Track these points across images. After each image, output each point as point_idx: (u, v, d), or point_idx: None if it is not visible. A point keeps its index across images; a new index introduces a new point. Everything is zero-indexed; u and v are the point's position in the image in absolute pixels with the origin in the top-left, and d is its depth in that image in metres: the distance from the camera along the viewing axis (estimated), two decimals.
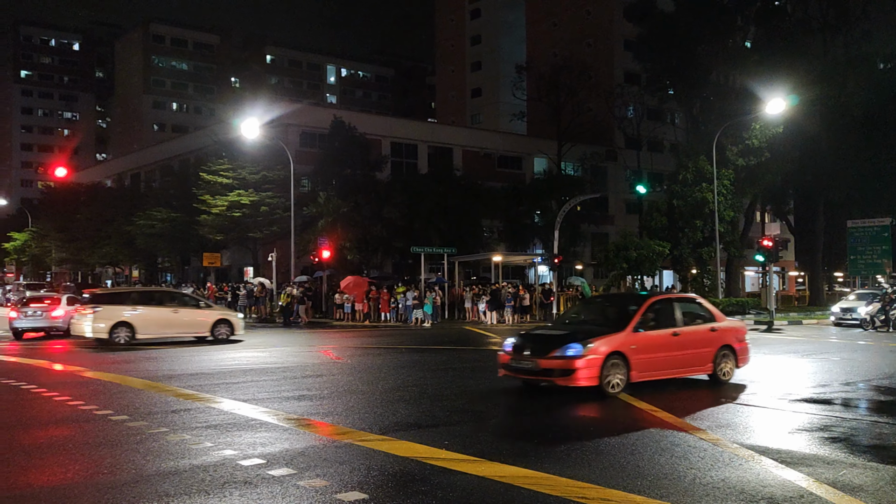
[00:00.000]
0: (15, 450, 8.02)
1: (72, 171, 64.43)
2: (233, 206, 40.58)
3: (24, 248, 64.56)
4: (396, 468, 7.00)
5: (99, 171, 74.81)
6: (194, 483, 6.47)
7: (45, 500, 6.02)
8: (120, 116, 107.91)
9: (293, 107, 54.78)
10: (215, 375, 14.31)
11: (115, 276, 60.80)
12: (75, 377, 14.33)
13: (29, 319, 24.43)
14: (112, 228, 49.91)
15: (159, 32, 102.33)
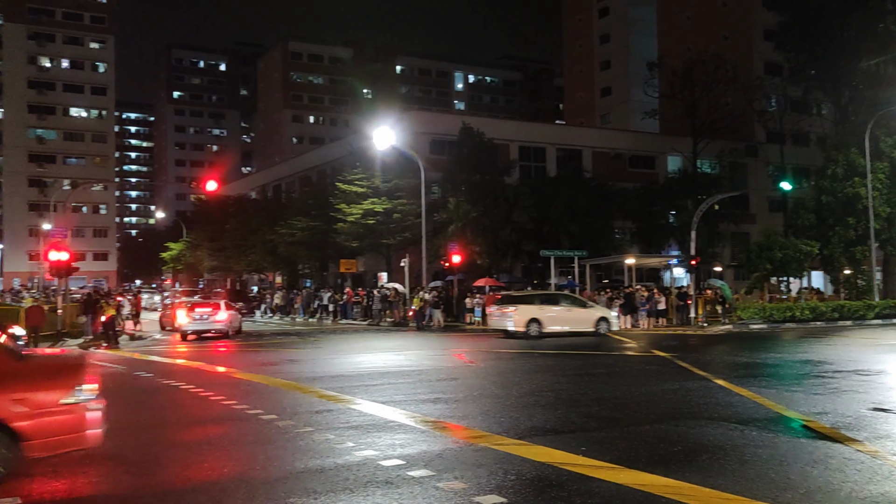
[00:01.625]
0: (177, 446, 8.66)
1: (221, 184, 68.61)
2: (367, 214, 41.81)
3: (180, 257, 69.39)
4: (533, 473, 7.01)
5: (244, 183, 79.31)
6: (339, 481, 6.75)
7: (205, 493, 6.47)
8: (263, 131, 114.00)
9: (423, 115, 55.86)
10: (354, 378, 14.82)
11: (260, 282, 64.13)
12: (229, 378, 15.27)
13: (196, 323, 26.83)
14: (257, 238, 52.63)
15: (297, 50, 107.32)
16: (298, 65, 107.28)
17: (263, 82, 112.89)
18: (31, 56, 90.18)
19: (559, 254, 37.05)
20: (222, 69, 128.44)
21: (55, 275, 32.19)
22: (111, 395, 13.23)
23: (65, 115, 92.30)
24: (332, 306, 41.06)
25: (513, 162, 47.55)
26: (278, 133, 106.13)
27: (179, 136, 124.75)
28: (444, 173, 43.83)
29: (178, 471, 7.42)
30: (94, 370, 7.97)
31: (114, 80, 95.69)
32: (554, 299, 27.56)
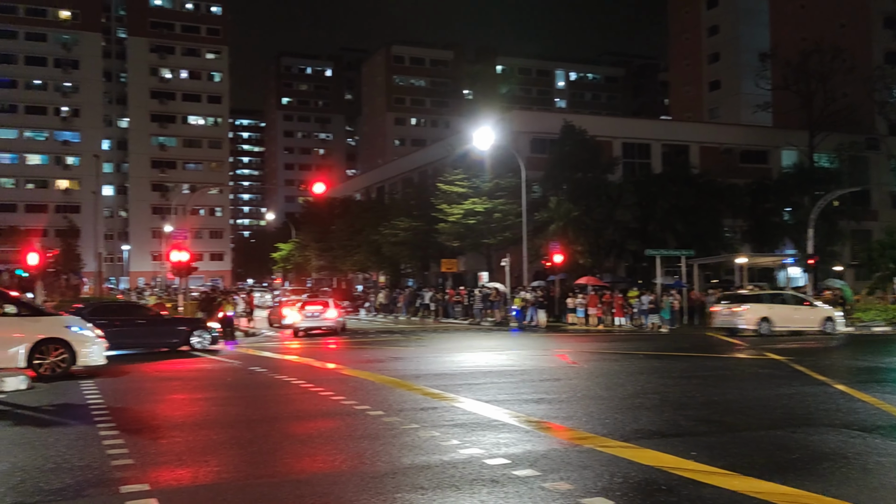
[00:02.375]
0: (291, 439, 9.01)
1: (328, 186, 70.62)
2: (468, 214, 42.04)
3: (289, 257, 71.91)
4: (641, 476, 6.89)
5: (349, 185, 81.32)
6: (445, 478, 6.84)
7: (318, 485, 6.71)
8: (367, 134, 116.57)
9: (523, 114, 55.64)
10: (457, 376, 14.96)
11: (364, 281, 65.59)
12: (337, 374, 15.73)
13: (308, 320, 28.23)
14: (361, 238, 53.86)
15: (399, 53, 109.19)
16: (401, 68, 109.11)
17: (367, 86, 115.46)
18: (153, 68, 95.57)
19: (665, 253, 36.11)
20: (328, 75, 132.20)
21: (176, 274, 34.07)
22: (230, 389, 13.93)
23: (184, 123, 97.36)
24: (434, 305, 41.52)
25: (616, 159, 46.68)
26: (381, 135, 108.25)
27: (288, 140, 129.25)
28: (544, 172, 43.54)
29: (292, 462, 7.72)
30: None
31: (228, 89, 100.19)
32: (782, 298, 28.63)
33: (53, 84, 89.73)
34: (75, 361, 15.12)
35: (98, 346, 15.64)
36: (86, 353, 15.24)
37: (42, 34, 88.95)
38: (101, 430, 9.25)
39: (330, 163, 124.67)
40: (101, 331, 19.17)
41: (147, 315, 22.78)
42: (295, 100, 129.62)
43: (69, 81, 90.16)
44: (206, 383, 15.06)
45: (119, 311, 22.54)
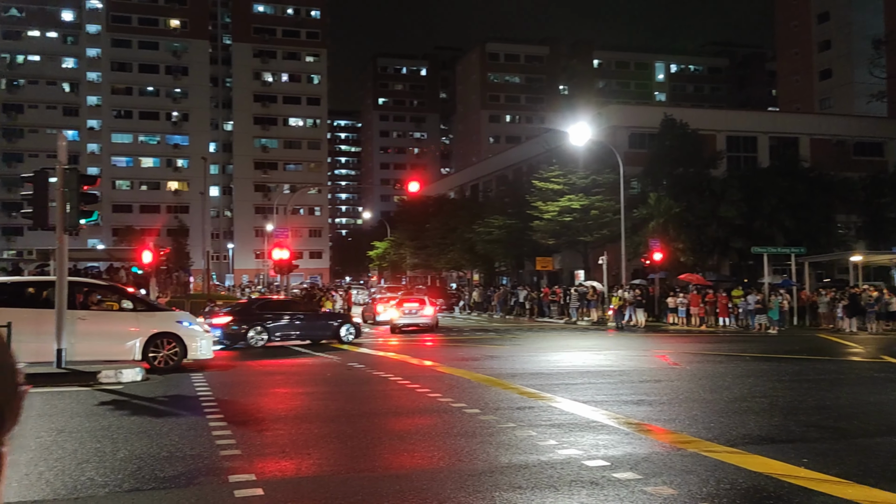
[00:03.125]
0: (389, 434, 9.14)
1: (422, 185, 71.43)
2: (563, 211, 41.59)
3: (384, 255, 73.14)
4: (748, 483, 6.62)
5: (444, 184, 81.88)
6: (543, 478, 6.77)
7: (417, 481, 6.76)
8: (461, 132, 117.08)
9: (621, 108, 54.57)
10: (554, 376, 14.81)
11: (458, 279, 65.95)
12: (433, 371, 15.85)
13: (406, 317, 28.82)
14: (456, 236, 54.17)
15: (494, 51, 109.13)
16: (495, 65, 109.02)
17: (462, 84, 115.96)
18: (256, 72, 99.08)
19: (772, 251, 34.63)
20: (423, 74, 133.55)
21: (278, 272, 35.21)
22: (329, 384, 14.26)
23: (284, 125, 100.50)
24: (529, 304, 41.29)
25: (719, 153, 45.14)
26: (476, 133, 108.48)
27: (384, 140, 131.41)
28: (644, 168, 42.59)
29: (391, 457, 7.82)
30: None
31: (326, 91, 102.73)
32: None
33: (165, 90, 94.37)
34: (186, 355, 15.83)
35: (206, 341, 16.32)
36: (195, 346, 15.93)
37: (154, 42, 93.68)
38: (210, 421, 9.65)
39: (424, 161, 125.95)
40: (270, 324, 21.50)
41: (305, 310, 24.36)
42: (390, 100, 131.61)
43: (179, 87, 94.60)
44: (306, 378, 15.48)
45: (283, 307, 23.97)
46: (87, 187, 14.96)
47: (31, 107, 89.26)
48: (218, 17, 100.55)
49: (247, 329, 21.46)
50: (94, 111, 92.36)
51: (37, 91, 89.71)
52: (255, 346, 21.41)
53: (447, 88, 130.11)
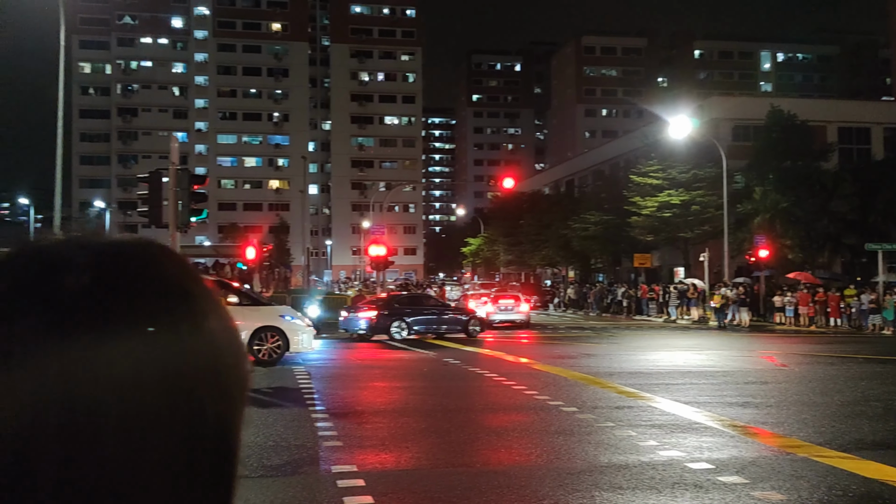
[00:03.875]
0: (486, 430, 9.18)
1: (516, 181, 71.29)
2: (662, 207, 40.58)
3: (478, 252, 73.31)
4: (862, 490, 6.30)
5: (538, 180, 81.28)
6: (644, 479, 6.65)
7: (515, 478, 6.77)
8: (556, 127, 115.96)
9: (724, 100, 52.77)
10: (653, 375, 14.49)
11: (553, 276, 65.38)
12: (528, 369, 15.80)
13: (501, 313, 29.04)
14: (550, 232, 53.70)
15: (590, 44, 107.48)
16: (591, 59, 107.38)
17: (557, 79, 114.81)
18: (353, 72, 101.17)
19: (889, 247, 32.72)
20: (517, 69, 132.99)
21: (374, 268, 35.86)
22: (426, 379, 14.44)
23: (380, 123, 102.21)
24: (626, 302, 40.53)
25: (830, 145, 42.93)
26: (571, 128, 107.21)
27: (478, 136, 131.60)
28: (748, 161, 41.01)
29: (488, 453, 7.86)
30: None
31: (421, 89, 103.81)
32: None
33: (267, 92, 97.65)
34: (288, 348, 16.35)
35: (307, 335, 16.80)
36: (297, 340, 16.43)
37: (257, 46, 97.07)
38: (312, 412, 9.94)
39: (518, 158, 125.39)
40: (409, 319, 22.85)
41: (440, 306, 25.71)
42: (485, 96, 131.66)
43: (280, 89, 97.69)
44: (403, 372, 15.72)
45: (419, 302, 25.35)
46: (196, 186, 15.66)
47: (144, 110, 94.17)
48: (317, 20, 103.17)
49: (390, 323, 22.78)
50: (202, 113, 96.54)
51: (149, 95, 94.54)
52: (395, 339, 22.47)
53: (542, 83, 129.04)
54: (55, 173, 21.34)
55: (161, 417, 0.47)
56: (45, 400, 0.44)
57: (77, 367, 0.45)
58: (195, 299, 0.51)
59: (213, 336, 0.50)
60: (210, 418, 0.50)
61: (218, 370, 0.50)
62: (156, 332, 0.47)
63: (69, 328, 0.45)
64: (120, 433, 0.45)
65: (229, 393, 0.51)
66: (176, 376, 0.47)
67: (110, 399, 0.45)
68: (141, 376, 0.46)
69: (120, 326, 0.46)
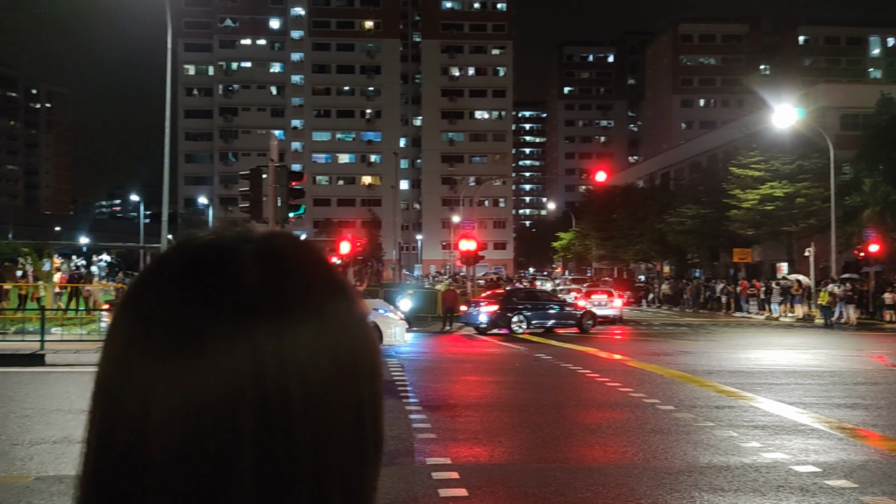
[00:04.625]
0: (580, 427, 9.08)
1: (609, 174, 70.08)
2: (764, 200, 39.07)
3: (569, 246, 72.49)
4: None
5: (631, 172, 79.62)
6: (747, 481, 6.44)
7: (611, 475, 6.67)
8: (650, 119, 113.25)
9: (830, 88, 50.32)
10: (755, 374, 13.99)
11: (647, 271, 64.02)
12: (622, 365, 15.54)
13: (594, 309, 28.72)
14: (644, 227, 52.56)
15: (687, 32, 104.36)
16: (688, 47, 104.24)
17: (651, 69, 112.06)
18: (444, 67, 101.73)
19: None
20: (610, 60, 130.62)
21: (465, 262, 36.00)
22: (517, 374, 14.41)
23: (470, 118, 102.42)
24: (725, 298, 39.27)
25: None
26: (666, 119, 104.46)
27: (569, 129, 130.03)
28: (857, 151, 38.97)
29: (582, 450, 7.78)
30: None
31: (511, 83, 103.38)
32: None
33: (359, 89, 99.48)
34: (382, 341, 16.64)
35: (400, 328, 17.06)
36: (390, 333, 16.71)
37: (350, 44, 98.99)
38: (406, 404, 10.08)
39: (611, 150, 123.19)
40: (528, 313, 23.34)
41: (556, 301, 25.89)
42: (576, 88, 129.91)
43: (372, 86, 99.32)
44: (495, 367, 15.73)
45: (536, 297, 25.72)
46: (294, 183, 16.10)
47: (244, 109, 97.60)
48: (408, 16, 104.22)
49: (510, 317, 23.25)
50: (297, 111, 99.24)
51: (248, 95, 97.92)
52: (517, 333, 22.79)
53: (636, 74, 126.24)
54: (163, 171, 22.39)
55: (335, 400, 0.49)
56: (238, 385, 0.46)
57: (264, 354, 0.47)
58: (346, 288, 0.54)
59: (362, 322, 0.53)
60: (367, 401, 0.52)
61: (366, 354, 0.52)
62: (325, 319, 0.50)
63: (254, 317, 0.48)
64: (306, 417, 0.48)
65: (376, 376, 0.53)
66: (345, 361, 0.50)
67: (297, 384, 0.47)
68: (319, 361, 0.49)
69: (297, 315, 0.49)
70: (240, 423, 0.46)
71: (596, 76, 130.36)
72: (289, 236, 0.55)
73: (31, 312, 21.07)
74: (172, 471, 0.46)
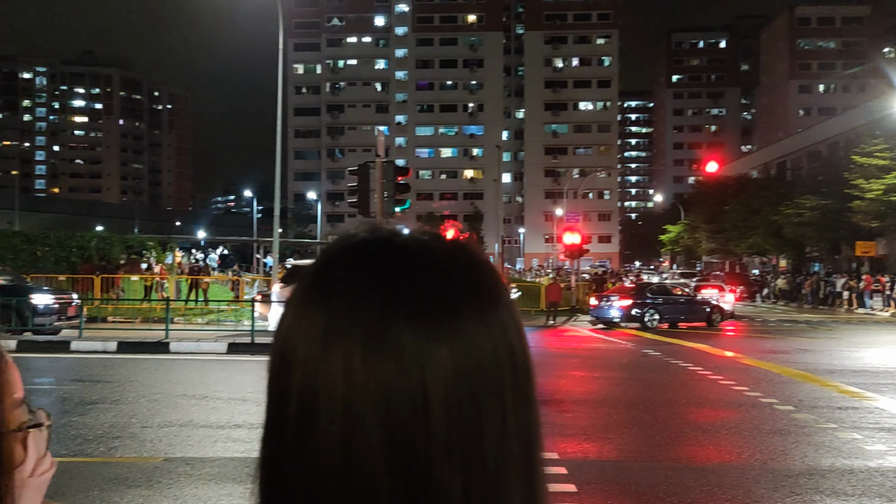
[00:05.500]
0: (692, 426, 8.84)
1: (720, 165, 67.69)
2: (890, 190, 36.72)
3: (677, 240, 70.43)
4: None
5: (744, 162, 76.52)
6: (872, 486, 6.11)
7: (725, 476, 6.47)
8: (764, 106, 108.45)
9: None
10: (881, 375, 13.20)
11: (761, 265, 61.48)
12: (735, 363, 15.00)
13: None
14: (759, 219, 50.46)
15: (805, 14, 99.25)
16: (806, 30, 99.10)
17: (766, 54, 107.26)
18: (547, 59, 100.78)
19: None
20: (722, 47, 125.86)
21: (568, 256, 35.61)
22: (625, 370, 14.16)
23: (574, 109, 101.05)
24: (847, 294, 37.20)
25: None
26: (782, 106, 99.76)
27: (677, 119, 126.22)
28: None
29: (695, 449, 7.57)
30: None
31: (617, 72, 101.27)
32: None
33: (462, 83, 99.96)
34: None
35: None
36: None
37: (454, 38, 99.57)
38: None
39: (722, 140, 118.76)
40: (661, 308, 23.61)
41: (686, 296, 26.05)
42: (685, 76, 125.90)
43: (475, 80, 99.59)
44: (602, 362, 15.50)
45: (666, 292, 25.85)
46: (400, 178, 16.39)
47: (349, 106, 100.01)
48: (511, 9, 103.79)
49: (643, 312, 23.49)
50: (401, 107, 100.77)
51: (354, 92, 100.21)
52: (650, 328, 22.88)
53: (749, 60, 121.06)
54: (274, 168, 23.25)
55: (508, 397, 0.50)
56: (426, 381, 0.47)
57: (441, 354, 0.47)
58: (505, 285, 0.55)
59: (520, 319, 0.54)
60: (532, 397, 0.53)
61: (526, 351, 0.53)
62: (497, 316, 0.51)
63: (428, 316, 0.48)
64: (494, 410, 0.49)
65: (533, 374, 0.54)
66: (519, 357, 0.52)
67: (479, 378, 0.48)
68: (498, 357, 0.50)
69: (473, 312, 0.50)
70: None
71: (706, 63, 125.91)
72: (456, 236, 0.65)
73: (155, 303, 22.37)
74: (368, 460, 0.47)
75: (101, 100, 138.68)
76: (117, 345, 15.30)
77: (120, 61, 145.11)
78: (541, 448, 0.53)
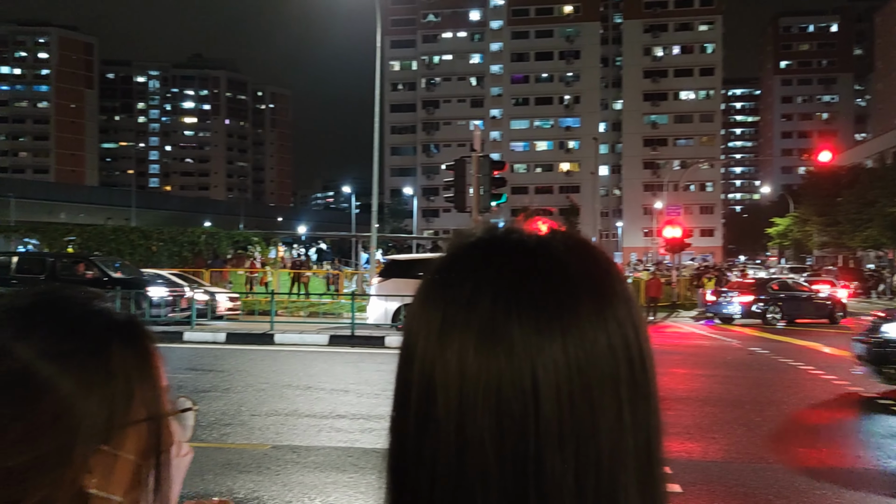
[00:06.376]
0: (801, 427, 8.48)
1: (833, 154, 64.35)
2: None
3: (786, 233, 67.43)
4: None
5: (859, 151, 72.48)
6: None
7: (838, 480, 6.17)
8: (880, 92, 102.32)
9: None
10: None
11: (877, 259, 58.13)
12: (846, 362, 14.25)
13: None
14: (874, 210, 47.74)
15: None
16: None
17: (882, 38, 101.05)
18: (646, 48, 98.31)
19: None
20: (833, 30, 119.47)
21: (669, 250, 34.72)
22: (730, 368, 13.70)
23: (675, 99, 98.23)
24: None
25: None
26: None
27: (786, 107, 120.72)
28: None
29: (805, 451, 7.26)
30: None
31: (721, 60, 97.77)
32: None
33: (558, 75, 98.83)
34: None
35: None
36: None
37: (549, 30, 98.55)
38: None
39: (835, 128, 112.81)
40: (783, 304, 23.40)
41: (808, 293, 25.51)
42: (794, 62, 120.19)
43: (571, 71, 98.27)
44: (704, 360, 15.06)
45: (788, 288, 25.28)
46: (496, 172, 16.39)
47: (444, 102, 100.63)
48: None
49: (765, 308, 23.27)
50: (496, 101, 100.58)
51: (449, 87, 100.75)
52: (772, 325, 22.52)
53: (863, 44, 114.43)
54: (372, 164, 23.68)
55: (624, 392, 0.52)
56: (545, 376, 0.48)
57: (553, 347, 0.49)
58: (623, 280, 0.56)
59: (640, 314, 0.56)
60: (651, 394, 0.55)
61: (646, 347, 0.55)
62: (613, 311, 0.52)
63: (541, 311, 0.49)
64: (608, 404, 0.51)
65: (652, 371, 0.55)
66: (636, 352, 0.54)
67: (592, 372, 0.50)
68: (613, 351, 0.51)
69: (588, 306, 0.51)
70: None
71: (817, 48, 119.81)
72: (574, 233, 0.59)
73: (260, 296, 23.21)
74: (480, 448, 0.49)
75: (209, 101, 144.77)
76: (226, 336, 15.99)
77: (226, 63, 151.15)
78: (661, 446, 0.54)
